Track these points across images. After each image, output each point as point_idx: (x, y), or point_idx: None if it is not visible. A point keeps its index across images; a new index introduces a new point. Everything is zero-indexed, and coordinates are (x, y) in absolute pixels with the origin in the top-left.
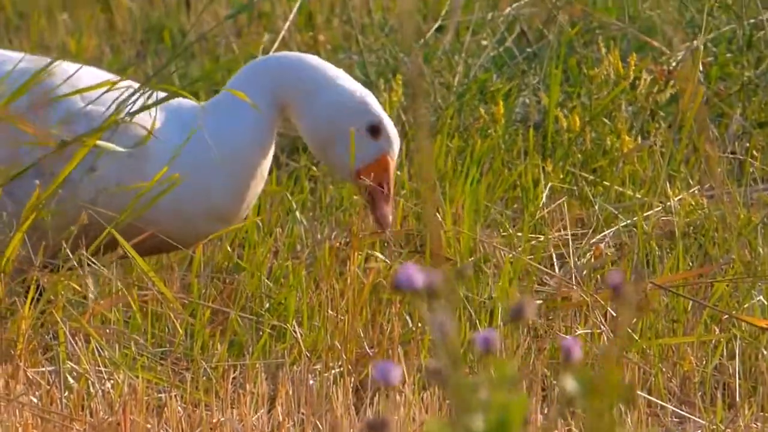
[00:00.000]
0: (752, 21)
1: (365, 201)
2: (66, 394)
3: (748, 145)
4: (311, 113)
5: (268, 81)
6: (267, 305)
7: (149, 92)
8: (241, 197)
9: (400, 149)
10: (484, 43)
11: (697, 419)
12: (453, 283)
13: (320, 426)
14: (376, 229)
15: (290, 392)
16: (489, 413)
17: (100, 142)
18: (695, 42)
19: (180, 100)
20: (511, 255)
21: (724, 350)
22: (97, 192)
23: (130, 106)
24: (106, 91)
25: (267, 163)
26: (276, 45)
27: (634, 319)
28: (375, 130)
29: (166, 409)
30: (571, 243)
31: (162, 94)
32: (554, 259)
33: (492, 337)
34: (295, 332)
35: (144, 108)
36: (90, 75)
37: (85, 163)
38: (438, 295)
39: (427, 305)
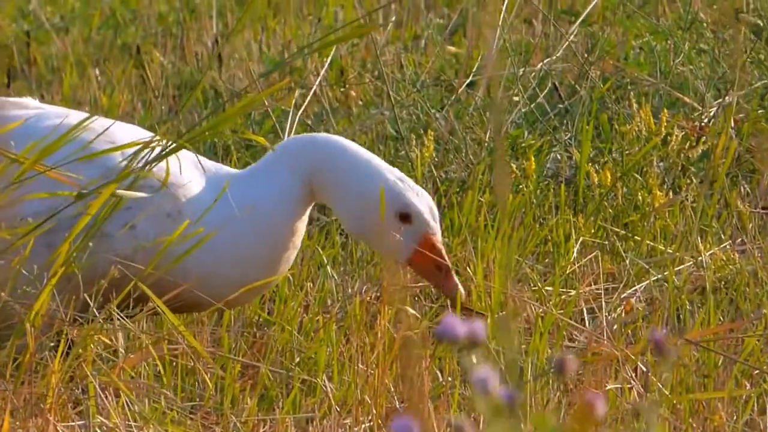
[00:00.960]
0: None
1: (429, 284)
2: None
3: None
4: (343, 205)
5: (300, 160)
6: (297, 359)
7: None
8: (269, 268)
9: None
10: (516, 98)
11: None
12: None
13: None
14: (448, 303)
15: None
16: None
17: (119, 191)
18: (727, 98)
19: (219, 165)
20: (541, 309)
21: (755, 405)
22: (134, 248)
23: (156, 161)
24: (142, 148)
25: (296, 236)
26: (308, 100)
27: (667, 374)
28: (405, 216)
29: None
30: (602, 297)
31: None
32: (585, 314)
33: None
34: (325, 386)
35: (161, 157)
36: (125, 131)
37: (123, 220)
38: (480, 345)
39: (469, 356)
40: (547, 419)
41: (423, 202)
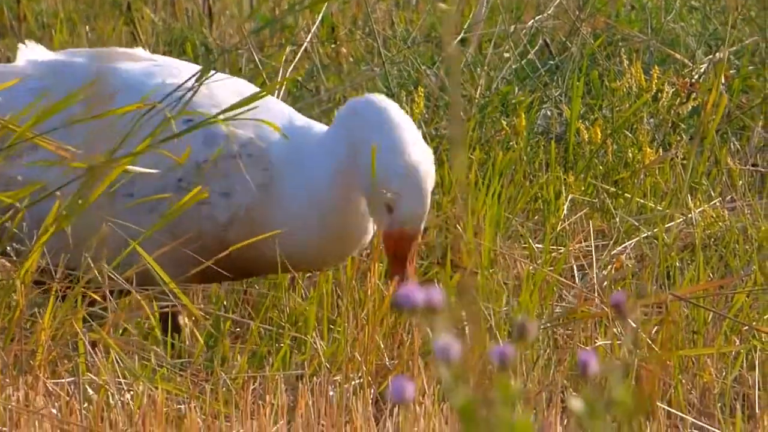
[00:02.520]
0: None
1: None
2: (85, 405)
3: None
4: (360, 166)
5: (345, 123)
6: (287, 317)
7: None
8: (338, 233)
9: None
10: (507, 55)
11: (716, 431)
12: (473, 294)
13: None
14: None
15: (310, 404)
16: None
17: (129, 167)
18: (718, 54)
19: (307, 124)
20: (531, 267)
21: (744, 361)
22: (231, 217)
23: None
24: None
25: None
26: (298, 57)
27: (630, 338)
28: (388, 207)
29: (185, 420)
30: (593, 254)
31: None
32: (575, 271)
33: (508, 352)
34: (315, 344)
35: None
36: (229, 91)
37: (220, 187)
38: (437, 313)
39: (429, 324)
40: (511, 385)
41: (414, 202)
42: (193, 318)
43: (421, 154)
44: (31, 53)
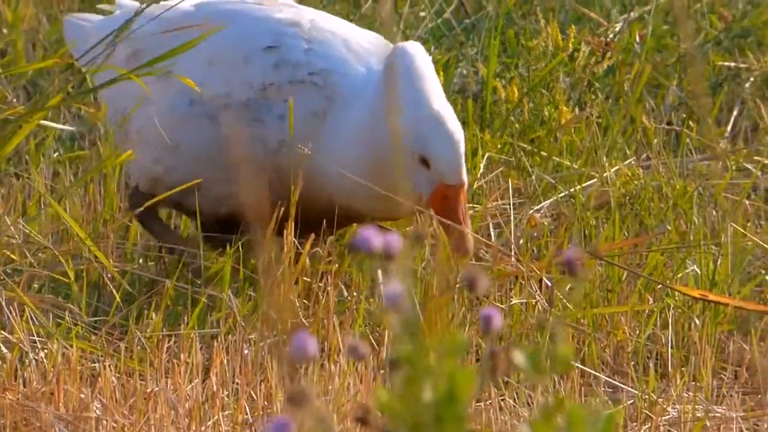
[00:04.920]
0: None
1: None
2: None
3: (684, 116)
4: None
5: (385, 68)
6: (203, 275)
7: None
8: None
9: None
10: (423, 14)
11: (629, 389)
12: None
13: (254, 396)
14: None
15: (225, 362)
16: (438, 384)
17: (43, 122)
18: (632, 13)
19: (375, 53)
20: (448, 224)
21: (658, 320)
22: (281, 141)
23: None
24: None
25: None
26: None
27: (576, 292)
28: (423, 161)
29: (100, 378)
30: (510, 213)
31: None
32: (491, 229)
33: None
34: (231, 302)
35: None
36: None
37: (278, 111)
38: (395, 258)
39: (383, 269)
40: (457, 337)
41: (448, 150)
42: (109, 275)
43: (445, 103)
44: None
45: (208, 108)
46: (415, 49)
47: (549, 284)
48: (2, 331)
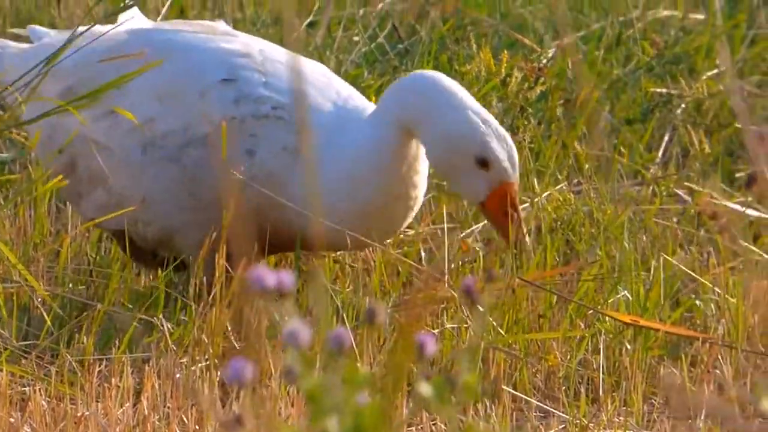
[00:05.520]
0: (621, 19)
1: (496, 230)
2: None
3: (616, 141)
4: (428, 140)
5: (396, 100)
6: (135, 299)
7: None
8: (365, 215)
9: None
10: (356, 38)
11: (560, 414)
12: (321, 277)
13: (186, 420)
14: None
15: (156, 386)
16: (343, 418)
17: None
18: (565, 39)
19: (349, 96)
20: (380, 249)
21: (589, 345)
22: (251, 177)
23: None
24: None
25: (395, 179)
26: None
27: (480, 323)
28: (483, 162)
29: (30, 402)
30: (441, 237)
31: None
32: (423, 254)
33: (345, 336)
34: (162, 326)
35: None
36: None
37: (246, 146)
38: (289, 296)
39: (279, 307)
40: (359, 370)
41: (504, 148)
42: (40, 298)
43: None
44: (131, 22)
45: (167, 150)
46: (431, 72)
47: (481, 309)
48: None
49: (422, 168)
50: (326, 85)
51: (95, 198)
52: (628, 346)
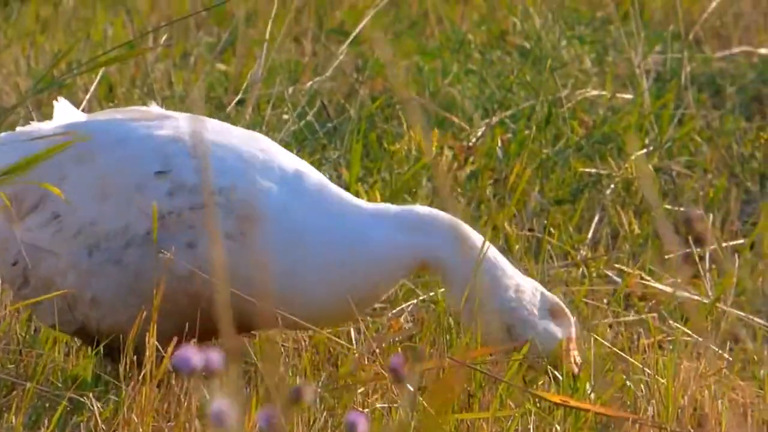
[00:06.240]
0: (550, 98)
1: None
2: None
3: (545, 222)
4: (458, 298)
5: (419, 234)
6: (64, 378)
7: None
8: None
9: None
10: (285, 116)
11: None
12: (247, 358)
13: None
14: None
15: None
16: None
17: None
18: (494, 118)
19: (322, 186)
20: (310, 330)
21: (519, 425)
22: (192, 270)
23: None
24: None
25: (382, 289)
26: None
27: (408, 402)
28: (515, 332)
29: None
30: (371, 317)
31: None
32: (353, 333)
33: (274, 416)
34: (92, 405)
35: None
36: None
37: (185, 238)
38: (215, 376)
39: (206, 387)
40: None
41: (542, 326)
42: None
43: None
44: (65, 114)
45: (111, 252)
46: (469, 230)
47: (411, 389)
48: None
49: None
50: (265, 162)
51: (48, 304)
52: (558, 427)
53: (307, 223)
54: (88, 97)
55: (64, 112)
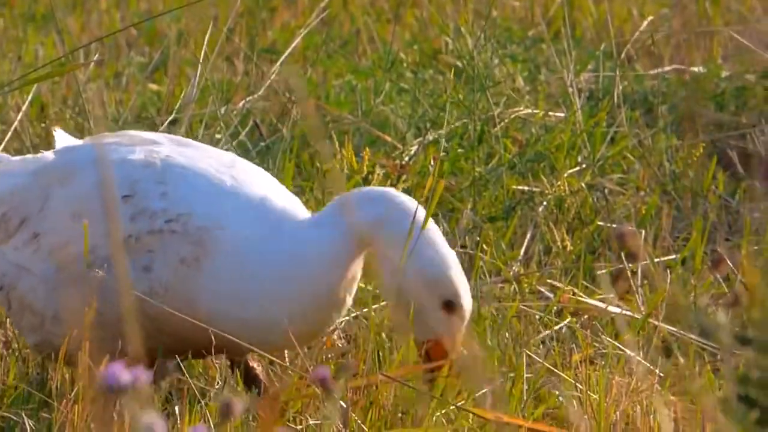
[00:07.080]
0: (484, 117)
1: (423, 360)
2: None
3: (478, 239)
4: (391, 269)
5: (360, 210)
6: None
7: None
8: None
9: None
10: (218, 136)
11: None
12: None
13: None
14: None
15: None
16: None
17: None
18: (427, 137)
19: (282, 211)
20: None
21: None
22: (149, 293)
23: None
24: None
25: (334, 292)
26: (8, 137)
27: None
28: (449, 306)
29: None
30: None
31: None
32: (287, 350)
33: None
34: (25, 424)
35: None
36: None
37: (143, 262)
38: (144, 394)
39: (138, 404)
40: None
41: (470, 300)
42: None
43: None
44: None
45: (78, 271)
46: (402, 196)
47: (344, 405)
48: None
49: (359, 274)
50: (233, 188)
51: (26, 323)
52: None
53: (261, 251)
54: (19, 117)
55: (64, 142)
